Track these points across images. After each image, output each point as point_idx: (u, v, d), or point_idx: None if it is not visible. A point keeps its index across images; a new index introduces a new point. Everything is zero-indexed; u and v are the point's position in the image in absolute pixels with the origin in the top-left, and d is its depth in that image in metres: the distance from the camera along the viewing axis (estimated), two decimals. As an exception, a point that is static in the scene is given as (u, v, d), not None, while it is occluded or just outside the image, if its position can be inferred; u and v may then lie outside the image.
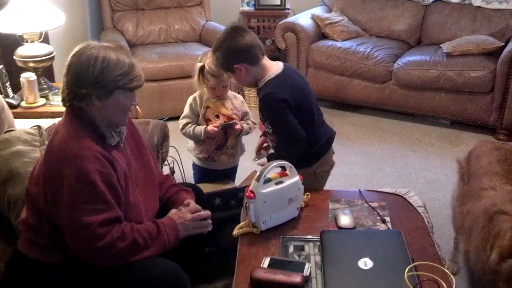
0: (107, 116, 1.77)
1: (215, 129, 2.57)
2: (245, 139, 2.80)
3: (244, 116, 2.72)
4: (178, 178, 2.96)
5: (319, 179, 2.43)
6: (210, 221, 1.96)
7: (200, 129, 2.60)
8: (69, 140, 1.70)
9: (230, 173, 2.84)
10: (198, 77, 2.57)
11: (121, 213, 1.74)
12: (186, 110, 2.68)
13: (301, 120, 2.20)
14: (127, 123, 1.95)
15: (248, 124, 2.69)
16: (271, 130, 2.24)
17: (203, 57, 2.62)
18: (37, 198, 1.75)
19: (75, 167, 1.65)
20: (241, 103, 2.74)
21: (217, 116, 2.63)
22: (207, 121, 2.64)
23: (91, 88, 1.70)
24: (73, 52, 1.75)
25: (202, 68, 2.54)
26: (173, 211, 1.95)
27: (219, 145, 2.68)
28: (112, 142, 1.81)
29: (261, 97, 2.18)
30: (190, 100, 2.69)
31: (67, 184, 1.64)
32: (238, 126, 2.59)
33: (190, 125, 2.64)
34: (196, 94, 2.69)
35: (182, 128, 2.67)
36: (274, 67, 2.23)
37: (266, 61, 2.23)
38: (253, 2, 5.18)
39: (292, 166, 1.97)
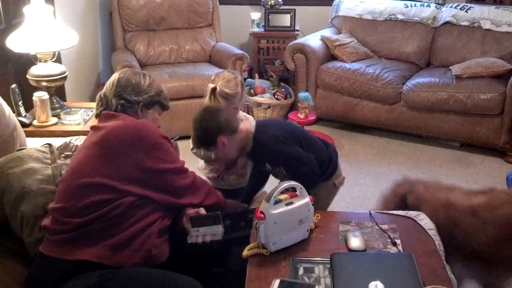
0: None
1: None
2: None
3: None
4: (187, 197, 2.95)
5: (336, 191, 2.53)
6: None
7: None
8: (129, 120, 1.96)
9: (238, 194, 2.84)
10: (210, 98, 2.60)
11: None
12: None
13: (300, 145, 2.32)
14: None
15: None
16: (284, 170, 2.31)
17: (216, 78, 2.64)
18: (106, 184, 1.84)
19: (156, 132, 1.93)
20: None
21: None
22: None
23: (141, 96, 2.03)
24: (114, 76, 2.07)
25: (214, 90, 2.57)
26: None
27: (229, 165, 2.69)
28: None
29: (261, 148, 2.29)
30: None
31: (158, 147, 1.92)
32: None
33: None
34: None
35: (193, 148, 2.68)
36: (248, 124, 2.37)
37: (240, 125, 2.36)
38: (263, 24, 5.23)
39: (303, 187, 1.96)
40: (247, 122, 2.41)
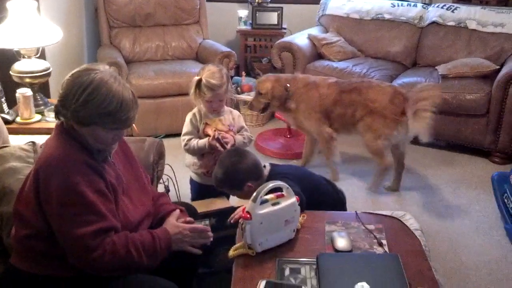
0: (87, 138, 1.76)
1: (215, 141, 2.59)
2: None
3: (239, 130, 2.75)
4: (172, 196, 2.94)
5: None
6: (210, 233, 1.96)
7: (204, 141, 2.63)
8: (55, 152, 1.71)
9: None
10: (195, 90, 2.61)
11: (114, 221, 1.74)
12: (188, 127, 2.71)
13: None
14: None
15: (243, 136, 2.71)
16: None
17: (201, 71, 2.65)
18: (29, 218, 1.74)
19: (62, 180, 1.65)
20: (237, 117, 2.78)
21: (214, 131, 2.66)
22: (206, 136, 2.67)
23: (70, 113, 1.69)
24: (76, 69, 1.74)
25: (199, 82, 2.58)
26: (170, 221, 1.95)
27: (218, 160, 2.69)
28: (100, 157, 1.80)
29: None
30: (189, 116, 2.72)
31: (56, 198, 1.65)
32: (228, 138, 2.63)
33: (193, 139, 2.66)
34: (195, 110, 2.72)
35: (186, 144, 2.67)
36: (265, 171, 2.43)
37: None
38: (250, 21, 5.22)
39: (289, 187, 1.95)
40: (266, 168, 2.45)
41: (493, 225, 3.18)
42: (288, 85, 3.54)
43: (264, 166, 2.45)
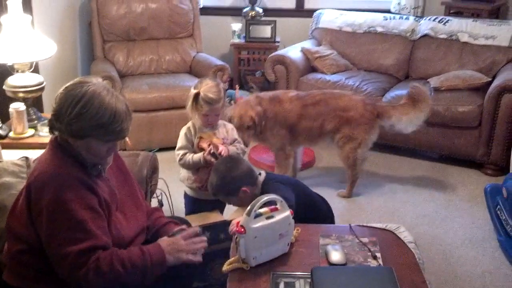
0: (81, 152, 1.77)
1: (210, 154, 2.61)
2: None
3: (233, 143, 2.77)
4: (166, 210, 2.93)
5: None
6: (204, 237, 1.95)
7: (199, 155, 2.63)
8: (48, 168, 1.72)
9: (220, 204, 2.83)
10: (192, 103, 2.61)
11: (104, 239, 1.73)
12: (182, 141, 2.71)
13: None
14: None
15: (236, 147, 2.72)
16: None
17: (198, 84, 2.66)
18: (22, 233, 1.73)
19: (53, 196, 1.65)
20: (230, 130, 2.79)
21: (209, 145, 2.66)
22: (201, 150, 2.67)
23: (64, 126, 1.70)
24: (69, 83, 1.75)
25: (196, 95, 2.58)
26: (164, 237, 1.93)
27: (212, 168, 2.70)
28: (94, 172, 1.80)
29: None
30: (184, 130, 2.73)
31: (46, 214, 1.65)
32: (222, 150, 2.63)
33: (188, 154, 2.66)
34: (189, 124, 2.73)
35: (180, 159, 2.68)
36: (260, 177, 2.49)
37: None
38: (244, 35, 5.24)
39: (283, 201, 1.96)
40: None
41: (486, 237, 3.19)
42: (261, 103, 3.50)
43: (260, 174, 2.47)
